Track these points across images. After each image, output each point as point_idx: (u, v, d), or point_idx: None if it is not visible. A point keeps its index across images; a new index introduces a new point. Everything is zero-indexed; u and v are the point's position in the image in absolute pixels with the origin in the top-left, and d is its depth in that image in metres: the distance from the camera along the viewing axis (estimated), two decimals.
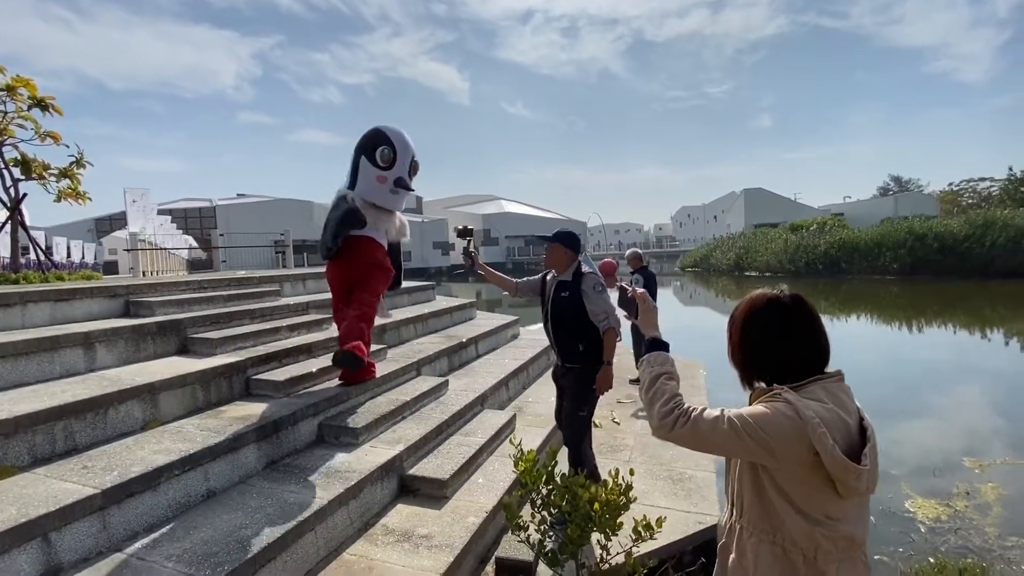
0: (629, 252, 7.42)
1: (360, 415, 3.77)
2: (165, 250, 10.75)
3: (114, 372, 3.49)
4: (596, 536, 2.44)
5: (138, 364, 3.74)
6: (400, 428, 3.85)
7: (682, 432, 1.33)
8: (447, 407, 4.33)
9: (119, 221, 25.71)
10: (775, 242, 31.97)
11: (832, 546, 1.26)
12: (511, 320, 8.14)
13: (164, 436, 3.00)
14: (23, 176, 6.26)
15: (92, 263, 16.90)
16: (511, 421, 4.58)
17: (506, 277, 3.79)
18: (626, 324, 3.66)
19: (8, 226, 6.17)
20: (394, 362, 4.83)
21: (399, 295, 7.41)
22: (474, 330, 6.96)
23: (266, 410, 3.44)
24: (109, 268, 15.29)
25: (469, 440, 4.00)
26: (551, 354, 7.13)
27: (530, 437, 4.28)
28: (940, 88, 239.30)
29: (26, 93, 5.98)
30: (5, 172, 6.12)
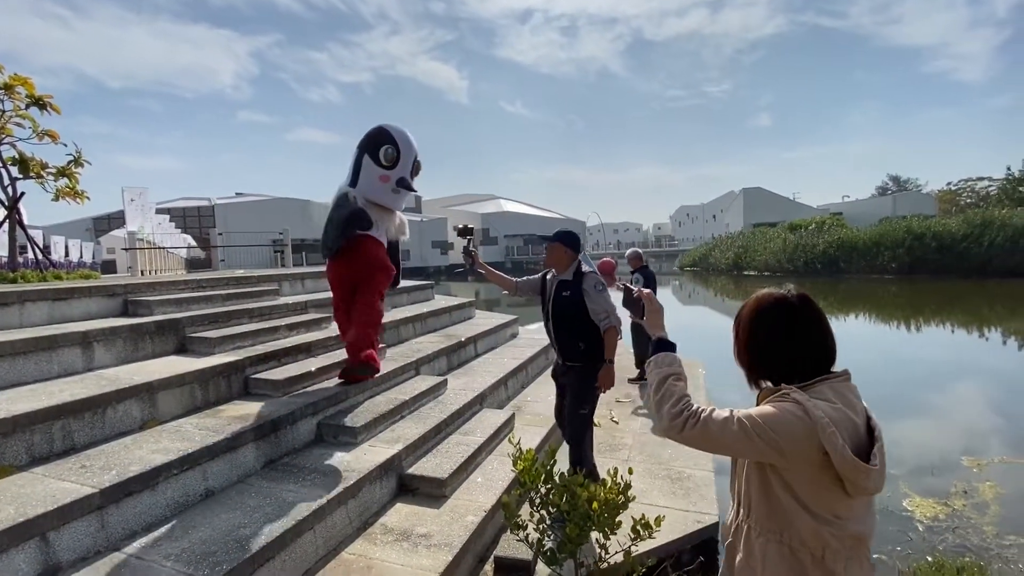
0: (629, 252, 7.45)
1: (359, 414, 3.77)
2: (163, 249, 10.76)
3: (112, 371, 3.49)
4: (595, 535, 2.45)
5: (136, 363, 3.74)
6: (399, 427, 3.85)
7: (692, 433, 1.33)
8: (446, 406, 4.33)
9: (117, 220, 25.70)
10: (774, 241, 32.01)
11: (840, 545, 1.26)
12: (510, 319, 8.14)
13: (162, 435, 3.00)
14: (21, 175, 6.25)
15: (90, 262, 16.89)
16: (510, 420, 4.58)
17: (506, 276, 3.80)
18: (626, 323, 3.67)
19: (6, 225, 6.17)
20: (393, 361, 4.83)
21: (398, 294, 7.40)
22: (473, 329, 6.96)
23: (265, 409, 3.43)
24: (107, 267, 15.29)
25: (468, 439, 4.00)
26: (550, 353, 7.15)
27: (529, 436, 4.28)
28: (939, 88, 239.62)
29: (24, 91, 5.97)
30: (3, 171, 6.11)
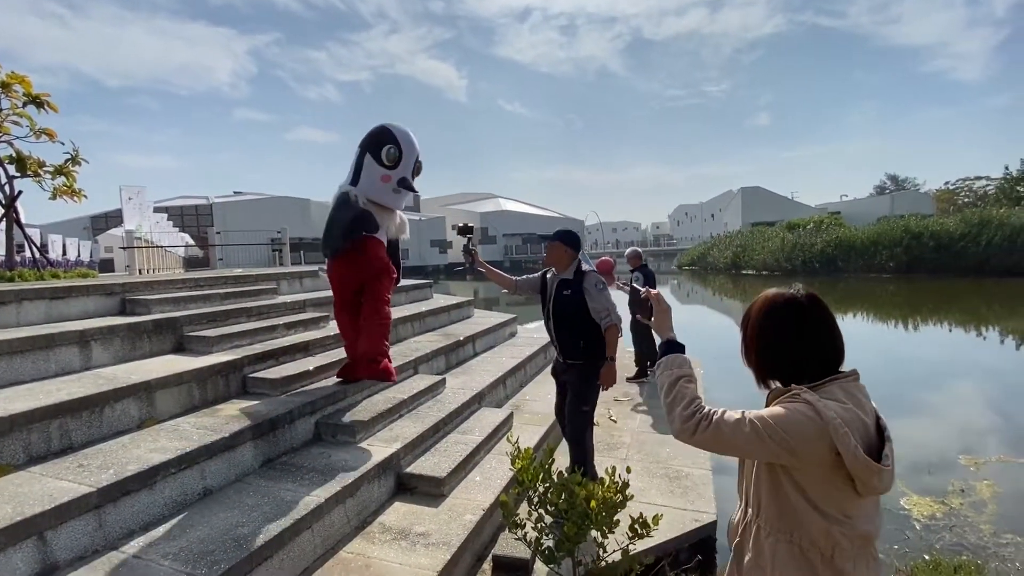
0: (629, 251, 7.48)
1: (357, 413, 3.77)
2: (161, 248, 10.74)
3: (110, 370, 3.48)
4: (593, 534, 2.45)
5: (134, 362, 3.73)
6: (397, 426, 3.85)
7: (705, 436, 1.32)
8: (444, 405, 4.33)
9: (115, 219, 25.65)
10: (772, 240, 32.03)
11: (849, 544, 1.27)
12: (509, 318, 8.14)
13: (160, 434, 2.99)
14: (18, 173, 6.24)
15: (88, 261, 16.85)
16: (508, 419, 4.58)
17: (505, 275, 3.84)
18: (625, 322, 3.68)
19: (3, 224, 6.16)
20: (391, 360, 4.81)
21: (397, 293, 7.39)
22: (472, 328, 6.96)
23: (263, 408, 3.43)
24: (105, 266, 15.26)
25: (466, 438, 4.00)
26: (548, 352, 7.16)
27: (527, 435, 4.29)
28: (937, 87, 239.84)
29: (21, 90, 5.96)
30: (0, 169, 6.10)
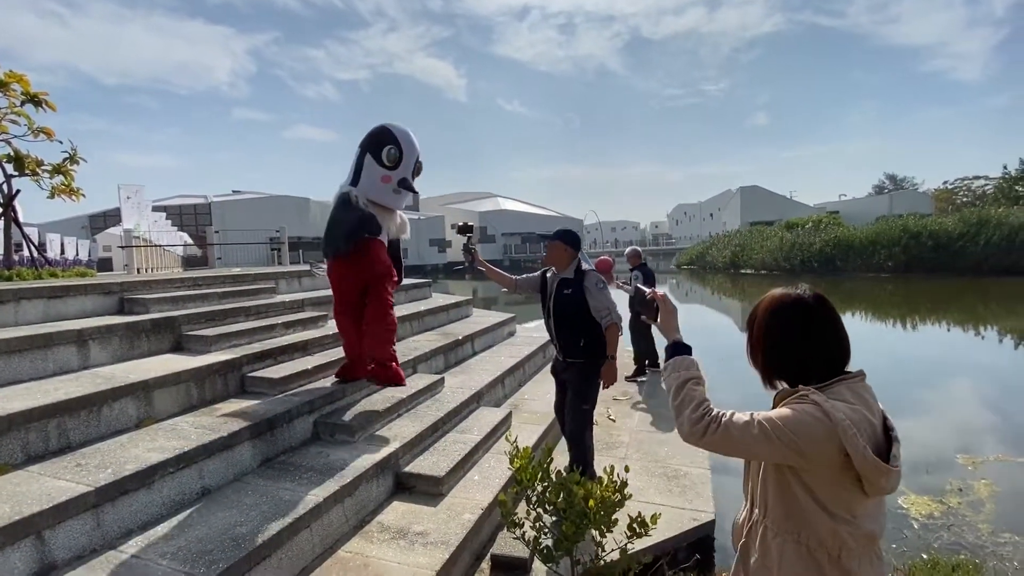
0: (629, 250, 7.49)
1: (355, 412, 3.77)
2: (160, 247, 10.73)
3: (108, 369, 3.48)
4: (591, 533, 2.45)
5: (132, 361, 3.73)
6: (396, 425, 3.85)
7: (714, 439, 1.32)
8: (443, 404, 4.33)
9: (113, 218, 25.62)
10: (771, 240, 32.04)
11: (856, 544, 1.27)
12: (507, 317, 8.13)
13: (158, 434, 2.99)
14: (16, 172, 6.23)
15: (86, 260, 16.82)
16: (507, 418, 4.58)
17: (505, 274, 3.88)
18: (625, 322, 3.68)
19: (1, 222, 6.15)
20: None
21: (396, 293, 7.37)
22: (470, 327, 6.95)
23: (261, 408, 3.43)
24: (103, 265, 15.26)
25: (465, 437, 4.00)
26: (547, 351, 7.16)
27: (526, 434, 4.29)
28: (936, 87, 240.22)
29: (19, 89, 5.95)
30: None
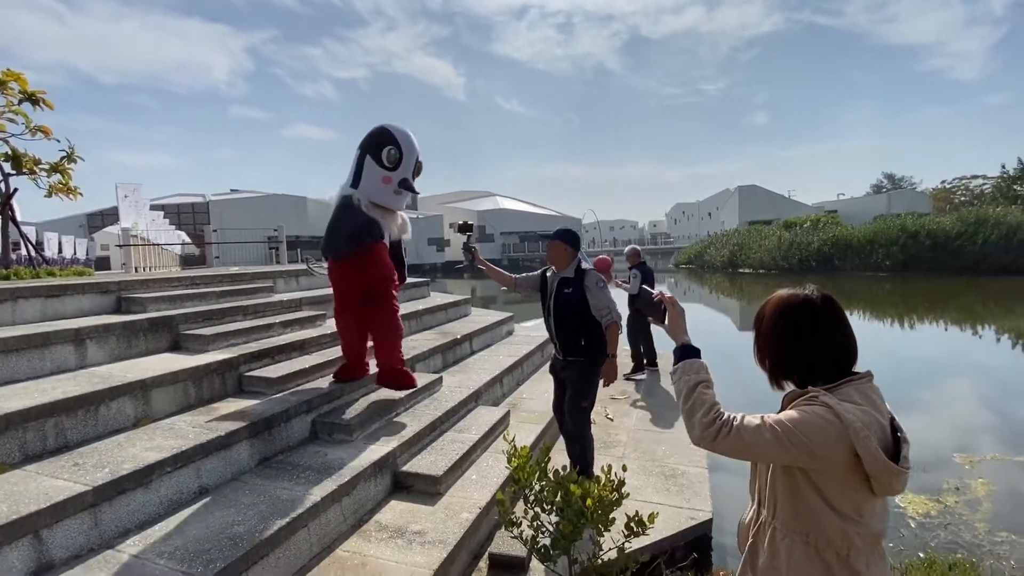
0: (628, 249, 7.51)
1: (353, 412, 3.77)
2: (158, 246, 10.70)
3: (105, 369, 3.48)
4: (589, 532, 2.45)
5: (129, 361, 3.72)
6: (394, 425, 3.85)
7: (726, 443, 1.32)
8: (441, 404, 4.33)
9: (111, 216, 25.53)
10: (769, 239, 32.09)
11: (863, 544, 1.28)
12: (506, 316, 8.13)
13: (156, 433, 2.99)
14: (14, 171, 6.22)
15: (84, 259, 16.79)
16: (505, 417, 4.59)
17: (505, 273, 3.90)
18: (623, 320, 3.69)
19: None
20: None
21: None
22: (469, 326, 6.95)
23: (259, 407, 3.43)
24: (101, 264, 15.23)
25: (463, 436, 4.00)
26: (545, 350, 7.16)
27: (524, 433, 4.30)
28: (934, 86, 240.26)
29: (17, 87, 5.94)
30: None
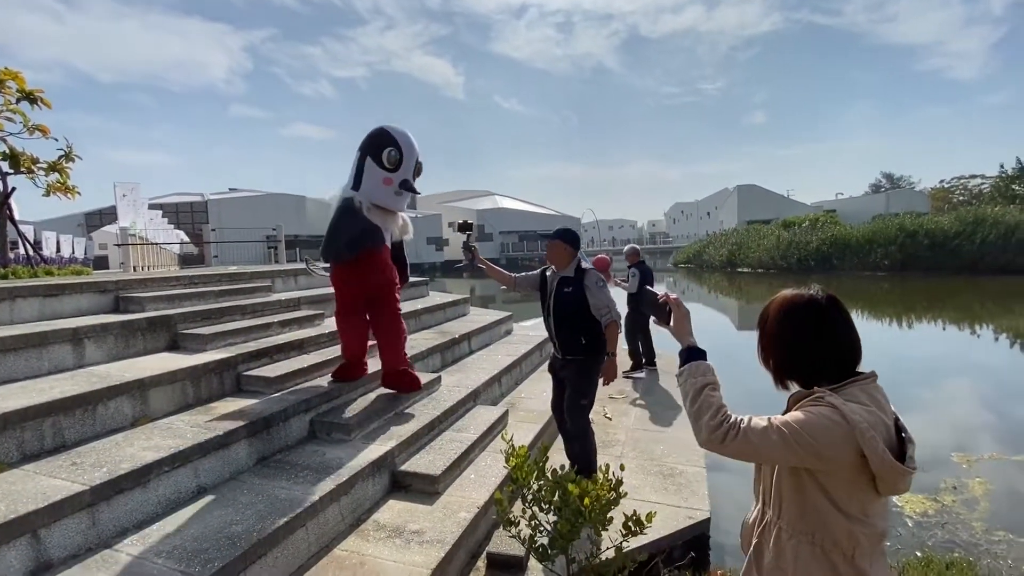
0: (627, 248, 7.54)
1: (352, 411, 3.77)
2: (156, 245, 10.69)
3: (103, 368, 3.47)
4: (586, 531, 2.46)
5: (127, 360, 3.72)
6: (392, 424, 3.85)
7: (734, 446, 1.31)
8: (439, 403, 4.33)
9: (109, 215, 25.49)
10: (767, 238, 32.12)
11: (868, 543, 1.28)
12: (504, 316, 8.14)
13: (154, 433, 2.99)
14: (11, 170, 6.22)
15: (82, 258, 16.78)
16: (503, 417, 4.59)
17: (505, 272, 3.91)
18: (622, 319, 3.69)
19: None
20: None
21: None
22: (467, 326, 6.96)
23: (257, 406, 3.43)
24: (100, 263, 15.21)
25: (461, 436, 4.00)
26: (544, 350, 7.16)
27: (522, 433, 4.30)
28: (933, 86, 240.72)
29: (15, 86, 5.94)
30: None
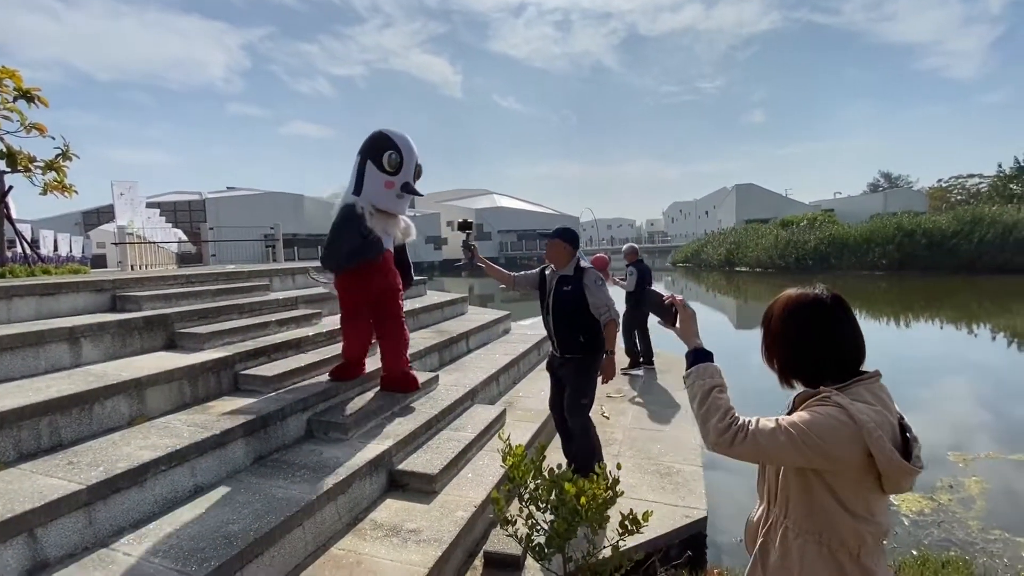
0: (626, 247, 7.56)
1: (349, 410, 3.77)
2: (154, 244, 10.67)
3: (100, 367, 3.47)
4: (583, 530, 2.46)
5: (124, 359, 3.72)
6: (390, 423, 3.85)
7: (742, 448, 1.31)
8: (437, 402, 4.33)
9: (107, 214, 25.46)
10: (766, 238, 32.14)
11: (872, 541, 1.29)
12: (502, 315, 8.14)
13: (151, 432, 2.99)
14: (9, 168, 6.20)
15: (80, 256, 16.72)
16: (501, 416, 4.59)
17: (504, 271, 3.93)
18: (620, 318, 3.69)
19: None
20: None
21: None
22: (465, 325, 6.96)
23: (254, 405, 3.43)
24: (97, 262, 15.15)
25: (459, 435, 4.01)
26: (542, 349, 7.17)
27: (520, 432, 4.31)
28: (931, 85, 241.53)
29: (12, 84, 5.93)
30: None
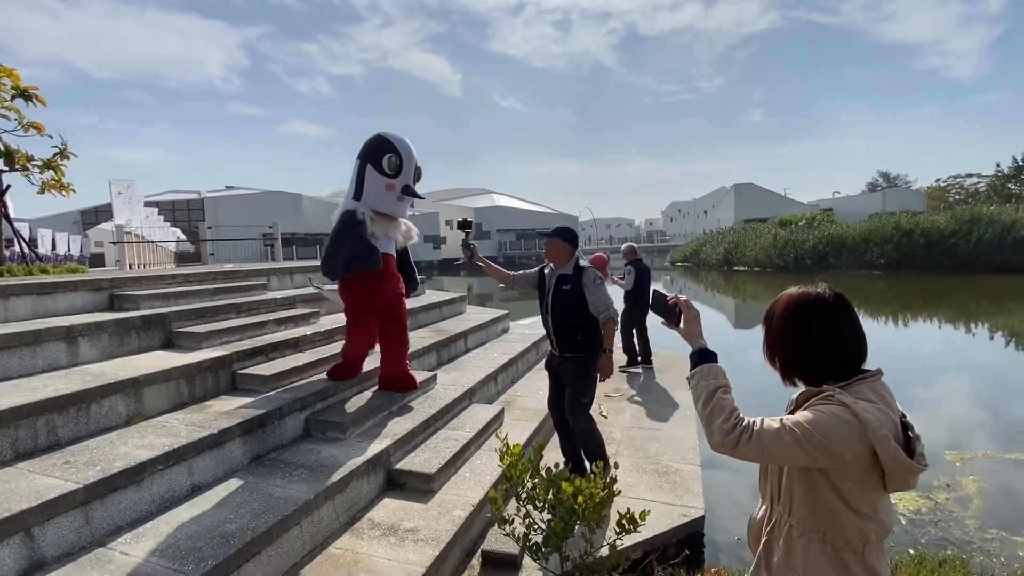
0: (625, 246, 7.58)
1: (347, 409, 3.77)
2: (152, 243, 10.66)
3: (97, 366, 3.47)
4: (581, 529, 2.47)
5: (122, 358, 3.71)
6: (387, 422, 3.85)
7: (748, 448, 1.30)
8: (435, 401, 4.33)
9: (105, 213, 25.42)
10: (764, 237, 32.16)
11: (876, 539, 1.29)
12: (501, 314, 8.14)
13: (148, 431, 2.98)
14: (6, 167, 6.19)
15: (78, 255, 16.70)
16: (499, 415, 4.59)
17: (504, 270, 3.93)
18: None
19: None
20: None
21: None
22: (464, 324, 6.95)
23: (252, 405, 3.43)
24: (96, 261, 15.14)
25: (457, 434, 4.00)
26: (540, 348, 7.17)
27: (518, 431, 4.31)
28: (930, 84, 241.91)
29: (9, 83, 5.92)
30: None
